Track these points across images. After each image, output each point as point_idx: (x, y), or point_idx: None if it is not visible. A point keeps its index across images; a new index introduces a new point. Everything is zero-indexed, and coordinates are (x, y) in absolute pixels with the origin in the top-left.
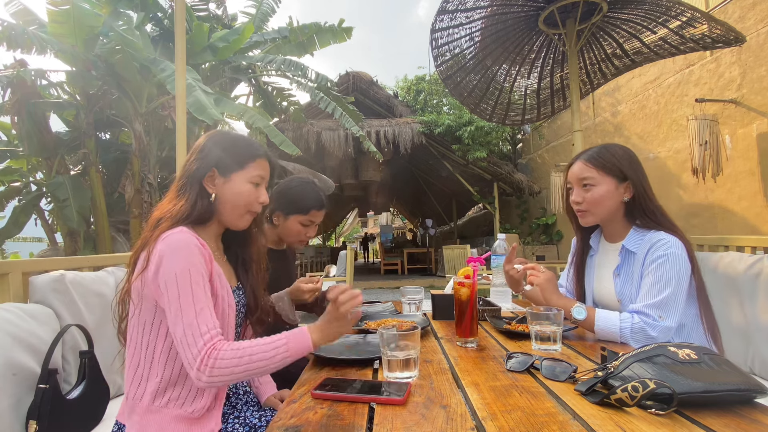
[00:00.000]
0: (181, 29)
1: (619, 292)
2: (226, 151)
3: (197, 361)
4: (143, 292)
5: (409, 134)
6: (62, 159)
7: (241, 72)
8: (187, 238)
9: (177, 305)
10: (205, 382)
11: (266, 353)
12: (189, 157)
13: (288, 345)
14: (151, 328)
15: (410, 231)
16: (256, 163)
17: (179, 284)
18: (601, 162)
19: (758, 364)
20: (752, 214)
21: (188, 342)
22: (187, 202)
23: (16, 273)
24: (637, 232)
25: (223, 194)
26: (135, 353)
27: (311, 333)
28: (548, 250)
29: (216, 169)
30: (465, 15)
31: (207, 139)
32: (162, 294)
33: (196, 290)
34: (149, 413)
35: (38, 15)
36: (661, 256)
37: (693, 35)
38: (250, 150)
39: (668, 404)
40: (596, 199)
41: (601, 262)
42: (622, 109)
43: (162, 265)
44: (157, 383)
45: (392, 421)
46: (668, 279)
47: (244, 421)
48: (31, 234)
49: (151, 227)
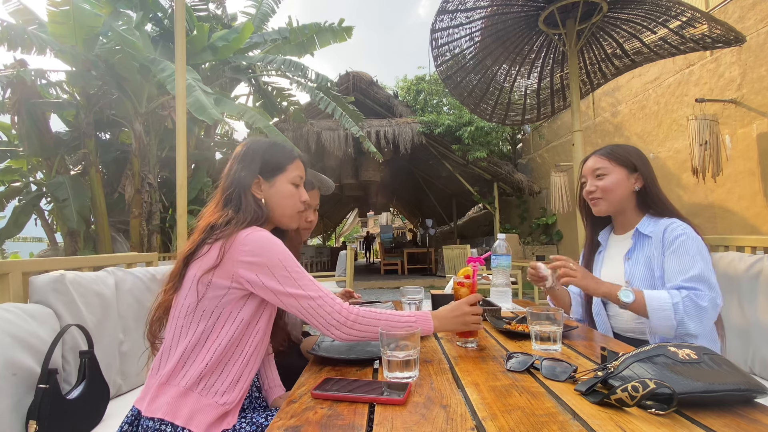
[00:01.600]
0: (181, 29)
1: (629, 273)
2: (266, 157)
3: (340, 314)
4: (211, 283)
5: (409, 134)
6: (62, 159)
7: (241, 72)
8: (270, 234)
9: (294, 283)
10: (347, 332)
11: (399, 323)
12: (230, 165)
13: (418, 324)
14: (210, 316)
15: (410, 231)
16: (294, 164)
17: (288, 267)
18: (613, 155)
19: (758, 364)
20: (752, 214)
21: (320, 304)
22: (249, 208)
23: (16, 273)
24: (650, 218)
25: (270, 198)
26: (184, 338)
27: (433, 319)
28: (548, 250)
29: (260, 175)
30: (465, 15)
31: (246, 148)
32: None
33: (302, 268)
34: (183, 398)
35: (38, 14)
36: (680, 235)
37: (693, 35)
38: (287, 153)
39: (668, 404)
40: (608, 187)
41: (609, 254)
42: (622, 109)
43: (261, 258)
44: (200, 369)
45: (392, 421)
46: (693, 255)
47: (250, 420)
48: (31, 234)
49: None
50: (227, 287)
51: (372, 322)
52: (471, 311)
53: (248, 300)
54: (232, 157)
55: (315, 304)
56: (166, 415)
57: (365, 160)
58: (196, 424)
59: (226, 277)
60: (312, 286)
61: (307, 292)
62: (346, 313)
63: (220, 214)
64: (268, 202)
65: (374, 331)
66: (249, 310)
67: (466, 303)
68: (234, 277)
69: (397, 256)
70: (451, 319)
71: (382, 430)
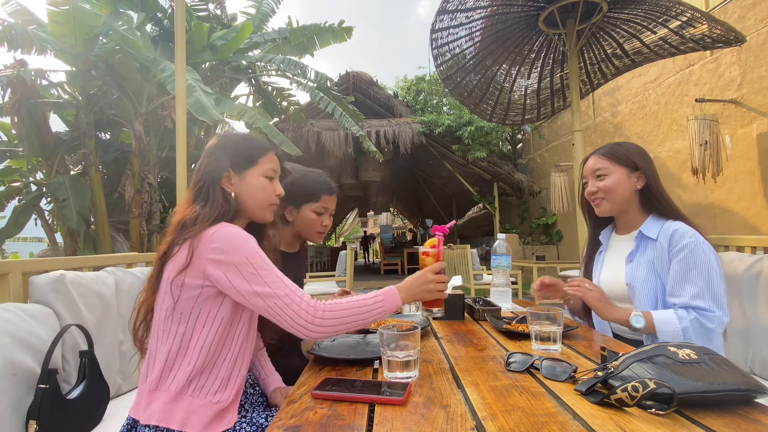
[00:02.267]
0: (181, 29)
1: (629, 276)
2: (236, 150)
3: (307, 313)
4: (184, 284)
5: (409, 134)
6: (62, 159)
7: (241, 72)
8: (239, 229)
9: (259, 281)
10: (316, 330)
11: (367, 305)
12: (202, 161)
13: (385, 303)
14: (188, 318)
15: (410, 231)
16: (266, 157)
17: (254, 263)
18: (613, 154)
19: (758, 364)
20: (752, 214)
21: (286, 303)
22: (216, 203)
23: (16, 273)
24: (655, 219)
25: (241, 191)
26: (165, 343)
27: (400, 292)
28: (548, 250)
29: (231, 169)
30: (465, 15)
31: (216, 142)
32: (230, 280)
33: (270, 263)
34: (175, 402)
35: (37, 15)
36: (689, 243)
37: (693, 35)
38: (259, 146)
39: (668, 404)
40: (610, 187)
41: (610, 255)
42: (622, 109)
43: (228, 255)
44: (188, 372)
45: (392, 421)
46: (702, 267)
47: (250, 421)
48: (31, 234)
49: (177, 229)
50: (200, 286)
51: (340, 314)
52: (436, 279)
53: (225, 298)
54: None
55: (281, 303)
56: (161, 422)
57: (365, 160)
58: (193, 426)
59: (198, 276)
60: (278, 284)
61: (274, 290)
62: (312, 311)
63: (190, 209)
64: (239, 195)
65: (345, 323)
66: (228, 308)
67: (430, 271)
68: (204, 275)
69: (397, 256)
70: (417, 287)
71: (382, 430)
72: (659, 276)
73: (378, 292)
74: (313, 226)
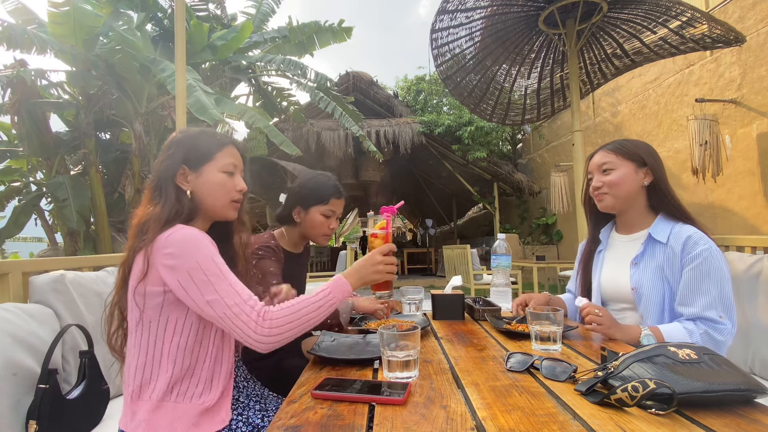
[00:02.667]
0: (181, 29)
1: (636, 281)
2: (191, 145)
3: (253, 324)
4: (146, 293)
5: (409, 134)
6: (62, 159)
7: (241, 72)
8: (194, 231)
9: (210, 289)
10: (266, 341)
11: (317, 302)
12: (158, 159)
13: (333, 293)
14: (158, 326)
15: (410, 231)
16: (224, 151)
17: (206, 270)
18: (620, 149)
19: (758, 364)
20: (752, 214)
21: (235, 313)
22: (168, 202)
23: (16, 273)
24: (663, 221)
25: (198, 189)
26: (140, 354)
27: (348, 278)
28: (548, 250)
29: (185, 165)
30: (465, 15)
31: (171, 139)
32: (185, 288)
33: (223, 269)
34: (158, 410)
35: (37, 15)
36: (703, 251)
37: (693, 35)
38: (215, 140)
39: (668, 404)
40: (615, 181)
41: (611, 255)
42: (622, 109)
43: (181, 261)
44: (167, 379)
45: (392, 421)
46: (715, 276)
47: (247, 420)
48: (31, 234)
49: (136, 234)
50: (162, 293)
51: (289, 319)
52: (385, 260)
53: None
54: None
55: (231, 313)
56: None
57: (365, 160)
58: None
59: (157, 282)
60: (229, 292)
61: (223, 299)
62: (261, 321)
63: (145, 210)
64: (196, 193)
65: (296, 326)
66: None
67: (379, 253)
68: (161, 281)
69: (397, 256)
70: (366, 269)
71: (382, 430)
72: (668, 281)
73: (325, 285)
74: (320, 228)
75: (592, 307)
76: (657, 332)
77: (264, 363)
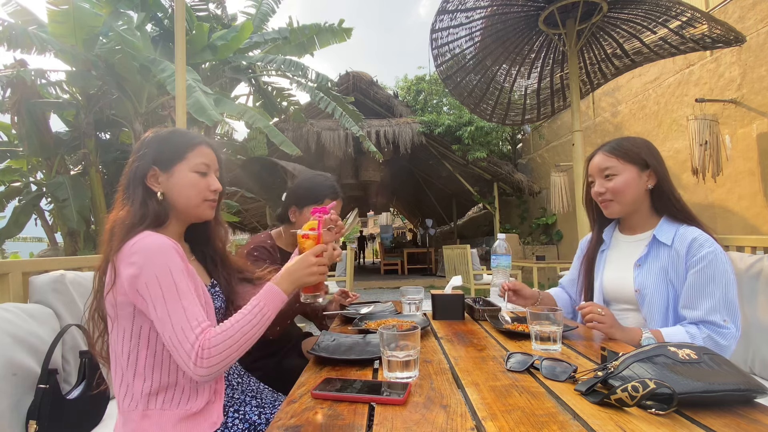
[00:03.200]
0: (181, 29)
1: (639, 283)
2: (161, 145)
3: (192, 357)
4: (117, 303)
5: (409, 134)
6: (62, 159)
7: (241, 72)
8: (160, 239)
9: (163, 306)
10: (204, 375)
11: (252, 321)
12: (129, 160)
13: (267, 305)
14: (131, 336)
15: (410, 231)
16: (196, 151)
17: (162, 285)
18: (621, 151)
19: (758, 364)
20: (752, 214)
21: (179, 339)
22: (134, 205)
23: (16, 273)
24: (667, 222)
25: (170, 190)
26: (119, 364)
27: (280, 285)
28: (548, 250)
29: (156, 166)
30: (465, 15)
31: (142, 139)
32: (143, 300)
33: (181, 286)
34: (145, 419)
35: (37, 15)
36: (709, 254)
37: (693, 35)
38: (186, 139)
39: (668, 404)
40: (619, 188)
41: (614, 255)
42: (622, 109)
43: (141, 271)
44: (148, 388)
45: (392, 421)
46: (720, 279)
47: (243, 417)
48: (31, 234)
49: (107, 240)
50: (131, 302)
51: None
52: (317, 262)
53: None
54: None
55: (175, 339)
56: None
57: (365, 160)
58: None
59: (124, 291)
60: (178, 315)
61: (171, 319)
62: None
63: (116, 214)
64: (168, 194)
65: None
66: None
67: (311, 254)
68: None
69: (397, 256)
70: (299, 272)
71: (382, 430)
72: (672, 284)
73: (256, 297)
74: None
75: (594, 306)
76: (658, 336)
77: (264, 363)
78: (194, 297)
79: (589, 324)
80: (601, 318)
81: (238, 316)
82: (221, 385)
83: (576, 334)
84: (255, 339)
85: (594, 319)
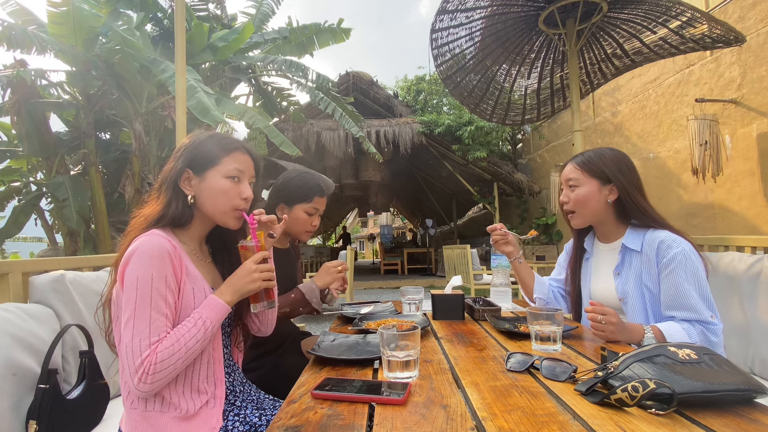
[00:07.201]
0: (181, 29)
1: (621, 291)
2: (197, 149)
3: (139, 373)
4: (118, 303)
5: (409, 134)
6: (62, 159)
7: (241, 72)
8: (158, 242)
9: (132, 309)
10: (146, 392)
11: (196, 335)
12: (169, 160)
13: (208, 317)
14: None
15: (410, 231)
16: (231, 156)
17: (139, 288)
18: (586, 165)
19: (758, 364)
20: (752, 214)
21: (132, 352)
22: (159, 204)
23: (16, 273)
24: (634, 231)
25: (201, 194)
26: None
27: (221, 296)
28: (548, 250)
29: (190, 169)
30: (465, 15)
31: (183, 142)
32: (122, 294)
33: (155, 297)
34: (144, 420)
35: (37, 15)
36: (677, 254)
37: (693, 35)
38: (223, 144)
39: (668, 404)
40: (579, 199)
41: (597, 264)
42: (622, 109)
43: (128, 267)
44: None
45: (392, 421)
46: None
47: (244, 419)
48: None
49: (126, 234)
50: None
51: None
52: (259, 268)
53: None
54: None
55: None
56: None
57: (365, 160)
58: None
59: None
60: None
61: (133, 327)
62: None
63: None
64: (198, 197)
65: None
66: None
67: (251, 261)
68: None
69: (397, 256)
70: (241, 279)
71: (382, 430)
72: (647, 288)
73: (198, 310)
74: (303, 225)
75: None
76: (656, 331)
77: (263, 363)
78: (167, 311)
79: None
80: (603, 327)
81: (182, 330)
82: (221, 390)
83: (576, 334)
84: (200, 349)
85: (595, 329)
